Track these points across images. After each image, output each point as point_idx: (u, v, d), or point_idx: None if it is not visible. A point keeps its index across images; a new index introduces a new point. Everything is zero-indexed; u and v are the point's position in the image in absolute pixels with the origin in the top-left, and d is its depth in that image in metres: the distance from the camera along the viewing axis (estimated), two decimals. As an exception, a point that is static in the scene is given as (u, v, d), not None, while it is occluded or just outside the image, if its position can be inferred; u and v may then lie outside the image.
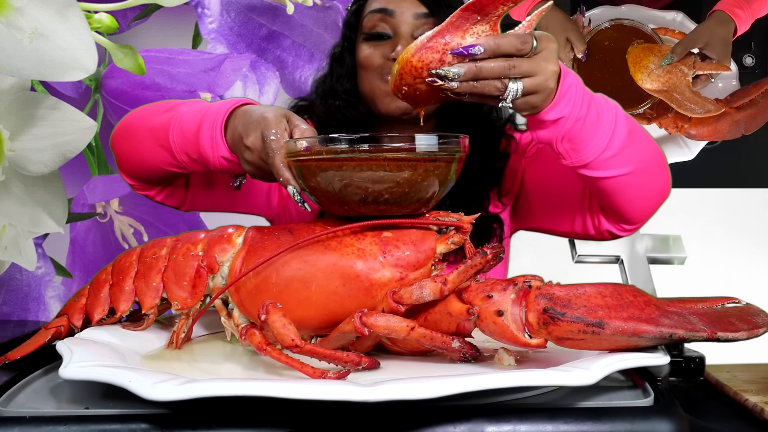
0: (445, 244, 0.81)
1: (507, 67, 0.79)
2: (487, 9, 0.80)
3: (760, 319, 0.71)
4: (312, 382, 0.65)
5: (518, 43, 0.79)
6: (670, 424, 0.64)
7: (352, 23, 1.19)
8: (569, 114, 0.86)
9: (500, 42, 0.79)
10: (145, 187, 1.10)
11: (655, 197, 1.02)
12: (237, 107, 0.93)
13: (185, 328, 0.87)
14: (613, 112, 0.91)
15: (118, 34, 1.86)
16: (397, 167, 0.78)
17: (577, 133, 0.88)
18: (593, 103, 0.89)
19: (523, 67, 0.80)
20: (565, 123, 0.87)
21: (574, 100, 0.86)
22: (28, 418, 0.65)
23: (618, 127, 0.91)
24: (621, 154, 0.92)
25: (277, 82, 1.98)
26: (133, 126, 1.05)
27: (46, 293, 1.98)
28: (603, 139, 0.90)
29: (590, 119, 0.88)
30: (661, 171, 1.01)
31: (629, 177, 0.95)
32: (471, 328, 0.74)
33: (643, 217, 1.04)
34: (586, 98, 0.88)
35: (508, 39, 0.79)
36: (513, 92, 0.80)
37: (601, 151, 0.90)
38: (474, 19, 0.80)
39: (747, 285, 2.06)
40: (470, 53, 0.79)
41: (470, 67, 0.79)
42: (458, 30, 0.80)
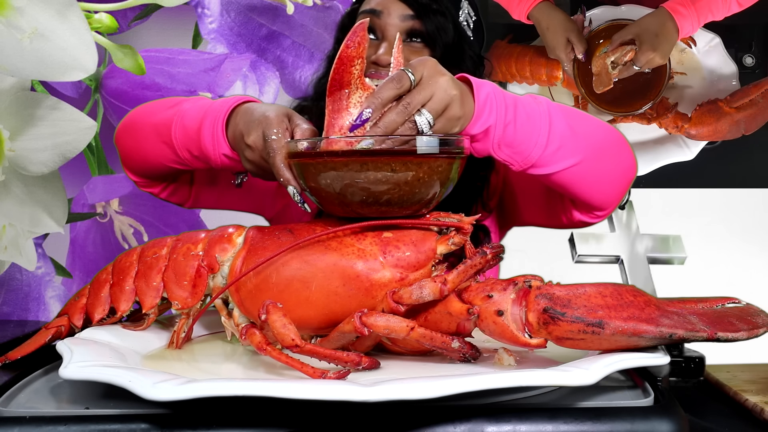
0: (446, 244, 0.81)
1: (403, 109, 0.80)
2: (344, 78, 0.82)
3: (760, 319, 0.71)
4: (312, 382, 0.65)
5: (395, 84, 0.80)
6: (670, 424, 0.64)
7: (347, 26, 1.20)
8: (495, 122, 0.86)
9: (380, 94, 0.80)
10: (150, 184, 1.10)
11: (617, 180, 1.01)
12: (239, 105, 0.94)
13: (185, 328, 0.87)
14: (544, 107, 0.91)
15: (118, 34, 1.86)
16: (398, 168, 0.78)
17: (511, 137, 0.88)
18: (519, 105, 0.88)
19: (416, 99, 0.80)
20: (495, 131, 0.87)
21: (496, 107, 0.86)
22: (28, 418, 0.65)
23: (554, 121, 0.90)
24: (566, 146, 0.91)
25: (277, 82, 1.98)
26: (137, 122, 1.05)
27: (46, 293, 1.98)
28: (541, 135, 0.89)
29: (521, 120, 0.88)
30: (619, 153, 1.00)
31: (582, 166, 0.94)
32: (471, 328, 0.74)
33: (611, 201, 1.03)
34: (509, 103, 0.88)
35: (386, 86, 0.80)
36: (425, 123, 0.80)
37: (543, 148, 0.90)
38: (344, 95, 0.82)
39: (747, 285, 2.06)
40: (363, 120, 0.79)
41: (375, 131, 0.79)
42: (340, 112, 0.82)
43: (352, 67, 0.82)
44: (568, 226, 1.11)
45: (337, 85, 0.83)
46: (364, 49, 0.83)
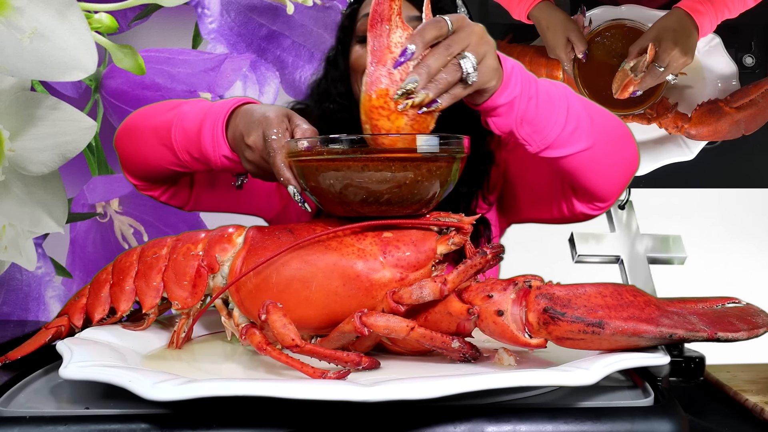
0: (446, 244, 0.81)
1: (445, 50, 0.79)
2: (384, 13, 0.81)
3: (760, 319, 0.71)
4: (312, 382, 0.65)
5: (435, 27, 0.80)
6: (670, 424, 0.64)
7: (347, 27, 1.19)
8: (520, 93, 0.86)
9: (423, 33, 0.79)
10: (150, 187, 1.10)
11: (622, 170, 1.02)
12: (238, 106, 0.93)
13: (185, 328, 0.87)
14: (562, 88, 0.91)
15: (118, 34, 1.86)
16: (398, 168, 0.78)
17: (533, 113, 0.88)
18: (540, 82, 0.89)
19: (456, 41, 0.80)
20: (519, 103, 0.86)
21: (522, 80, 0.86)
22: (28, 418, 0.65)
23: (572, 102, 0.91)
24: (582, 128, 0.92)
25: (277, 82, 1.98)
26: (137, 125, 1.05)
27: (46, 293, 1.97)
28: (561, 114, 0.90)
29: (542, 97, 0.88)
30: (626, 143, 1.01)
31: (594, 151, 0.94)
32: (471, 328, 0.74)
33: (614, 192, 1.03)
34: (532, 79, 0.88)
35: (426, 27, 0.80)
36: (470, 65, 0.80)
37: (562, 127, 0.90)
38: (384, 31, 0.81)
39: (747, 285, 2.06)
40: (407, 57, 0.79)
41: (419, 69, 0.78)
42: (382, 50, 0.81)
43: (392, 1, 0.81)
44: (568, 219, 1.11)
45: (378, 17, 0.81)
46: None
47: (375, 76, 0.79)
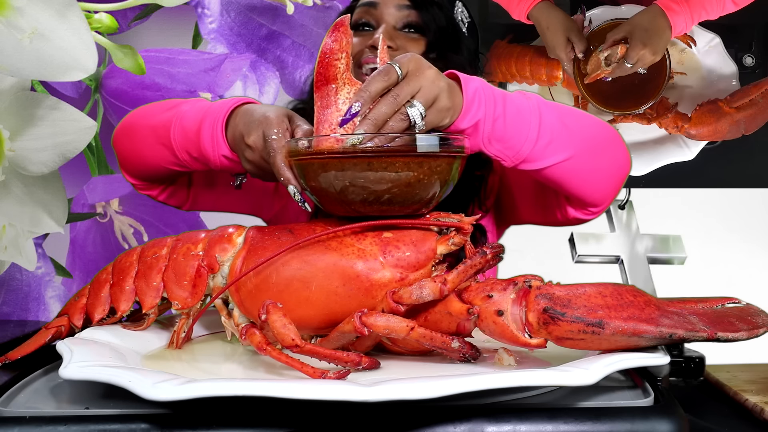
0: (446, 244, 0.81)
1: (392, 99, 0.79)
2: (329, 71, 0.81)
3: (760, 319, 0.71)
4: (312, 382, 0.65)
5: (384, 77, 0.79)
6: (670, 424, 0.64)
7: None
8: (484, 115, 0.86)
9: (369, 87, 0.79)
10: (148, 187, 1.10)
11: (611, 176, 1.01)
12: (238, 106, 0.93)
13: (185, 328, 0.87)
14: (533, 102, 0.91)
15: (118, 34, 1.86)
16: (398, 167, 0.78)
17: (501, 131, 0.88)
18: (508, 99, 0.88)
19: (405, 90, 0.80)
20: (484, 125, 0.86)
21: (485, 101, 0.86)
22: (28, 418, 0.65)
23: (544, 116, 0.90)
24: (558, 139, 0.91)
25: (277, 82, 1.98)
26: (135, 125, 1.05)
27: (46, 293, 1.98)
28: (532, 130, 0.89)
29: (510, 114, 0.88)
30: (613, 147, 1.00)
31: (574, 161, 0.94)
32: (471, 328, 0.74)
33: (605, 197, 1.03)
34: (498, 97, 0.87)
35: (373, 80, 0.79)
36: (417, 114, 0.80)
37: (534, 142, 0.90)
38: (331, 90, 0.81)
39: (747, 285, 2.06)
40: (352, 114, 0.78)
41: (365, 123, 0.78)
42: (329, 107, 0.81)
43: (337, 60, 0.81)
44: (563, 224, 1.10)
45: (323, 79, 0.82)
46: (348, 44, 0.83)
47: (321, 138, 0.79)
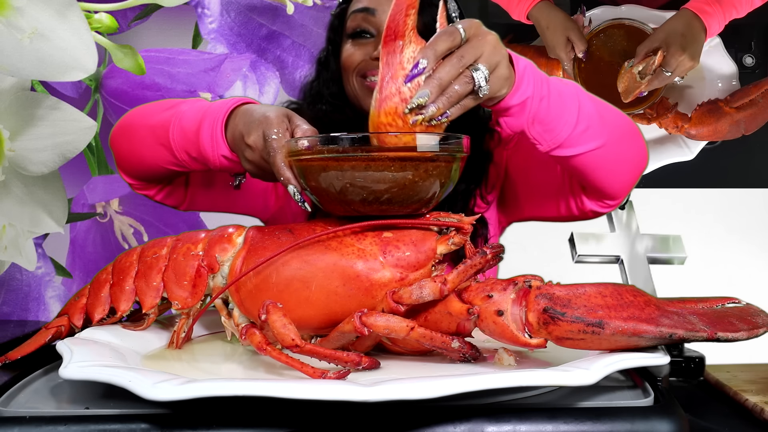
0: (446, 244, 0.81)
1: (457, 61, 0.79)
2: (398, 29, 0.80)
3: (760, 319, 0.71)
4: (312, 382, 0.65)
5: (448, 38, 0.79)
6: (670, 424, 0.64)
7: (336, 26, 1.19)
8: (533, 93, 0.86)
9: (434, 46, 0.79)
10: (145, 186, 1.10)
11: (633, 168, 1.02)
12: (238, 106, 0.93)
13: (185, 328, 0.87)
14: (573, 88, 0.91)
15: (118, 34, 1.86)
16: (398, 167, 0.78)
17: (545, 112, 0.88)
18: (552, 82, 0.89)
19: (469, 52, 0.79)
20: (531, 104, 0.86)
21: (534, 80, 0.86)
22: (28, 418, 0.65)
23: (583, 101, 0.91)
24: (593, 127, 0.92)
25: (277, 82, 1.98)
26: (133, 124, 1.05)
27: (46, 293, 1.98)
28: (572, 113, 0.90)
29: (554, 97, 0.88)
30: (636, 140, 1.01)
31: (604, 149, 0.94)
32: (471, 328, 0.74)
33: (624, 189, 1.04)
34: (544, 78, 0.88)
35: (438, 39, 0.79)
36: (482, 77, 0.79)
37: (573, 127, 0.90)
38: (398, 47, 0.80)
39: (747, 285, 2.06)
40: (419, 71, 0.78)
41: (430, 83, 0.78)
42: (394, 66, 0.80)
43: (407, 16, 0.80)
44: (576, 217, 1.10)
45: (392, 34, 0.80)
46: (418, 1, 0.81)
47: (385, 93, 0.79)
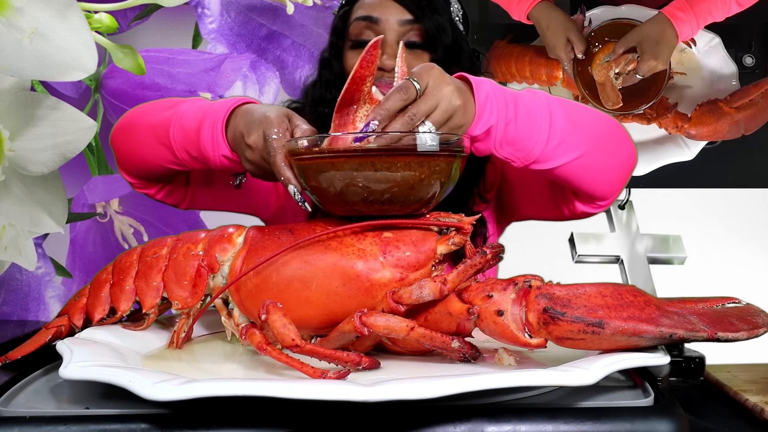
0: (446, 244, 0.81)
1: (408, 120, 0.79)
2: (355, 96, 0.81)
3: (760, 319, 0.71)
4: (312, 382, 0.65)
5: (402, 95, 0.79)
6: (670, 424, 0.64)
7: (339, 29, 1.19)
8: (496, 121, 0.86)
9: (387, 105, 0.79)
10: (145, 185, 1.10)
11: (619, 170, 1.02)
12: (238, 106, 0.93)
13: (185, 328, 0.87)
14: (544, 102, 0.91)
15: (118, 34, 1.86)
16: (398, 167, 0.78)
17: (513, 135, 0.88)
18: (520, 101, 0.88)
19: (421, 109, 0.80)
20: (497, 130, 0.86)
21: (497, 106, 0.86)
22: (28, 418, 0.65)
23: (554, 116, 0.90)
24: (567, 140, 0.91)
25: (277, 82, 1.98)
26: (134, 123, 1.05)
27: (46, 293, 1.98)
28: (542, 131, 0.89)
29: (521, 118, 0.88)
30: (620, 143, 1.01)
31: (585, 158, 0.94)
32: (471, 328, 0.74)
33: (614, 191, 1.03)
34: (509, 100, 0.87)
35: (392, 97, 0.79)
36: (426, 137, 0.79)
37: (545, 143, 0.90)
38: (352, 110, 0.81)
39: (747, 285, 2.06)
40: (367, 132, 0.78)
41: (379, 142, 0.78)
42: (346, 126, 0.81)
43: (363, 85, 0.82)
44: (569, 218, 1.11)
45: (347, 102, 0.82)
46: (376, 66, 0.83)
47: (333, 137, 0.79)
